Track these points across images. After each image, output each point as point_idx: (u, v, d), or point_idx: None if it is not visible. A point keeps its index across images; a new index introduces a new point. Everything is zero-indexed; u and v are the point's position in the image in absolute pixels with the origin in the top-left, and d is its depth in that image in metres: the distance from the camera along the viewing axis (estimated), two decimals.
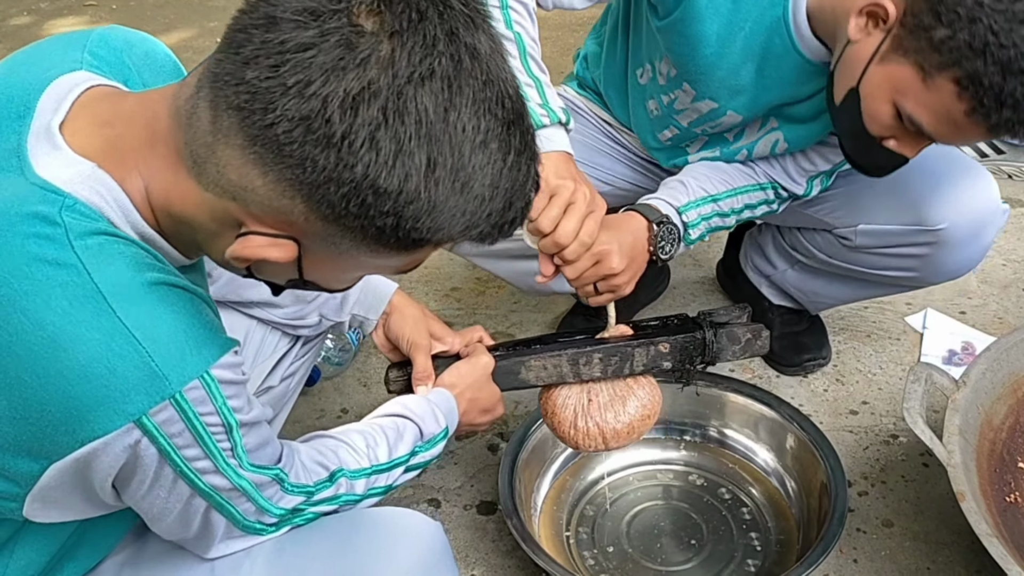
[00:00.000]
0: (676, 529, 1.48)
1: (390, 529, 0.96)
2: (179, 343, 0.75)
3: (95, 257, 0.73)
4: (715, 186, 1.49)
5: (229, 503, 0.87)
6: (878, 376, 1.81)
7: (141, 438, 0.75)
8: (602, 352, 1.29)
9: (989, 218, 1.48)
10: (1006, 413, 1.41)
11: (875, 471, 1.60)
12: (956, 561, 1.44)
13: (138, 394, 0.73)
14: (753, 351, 1.36)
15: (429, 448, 1.11)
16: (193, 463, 0.80)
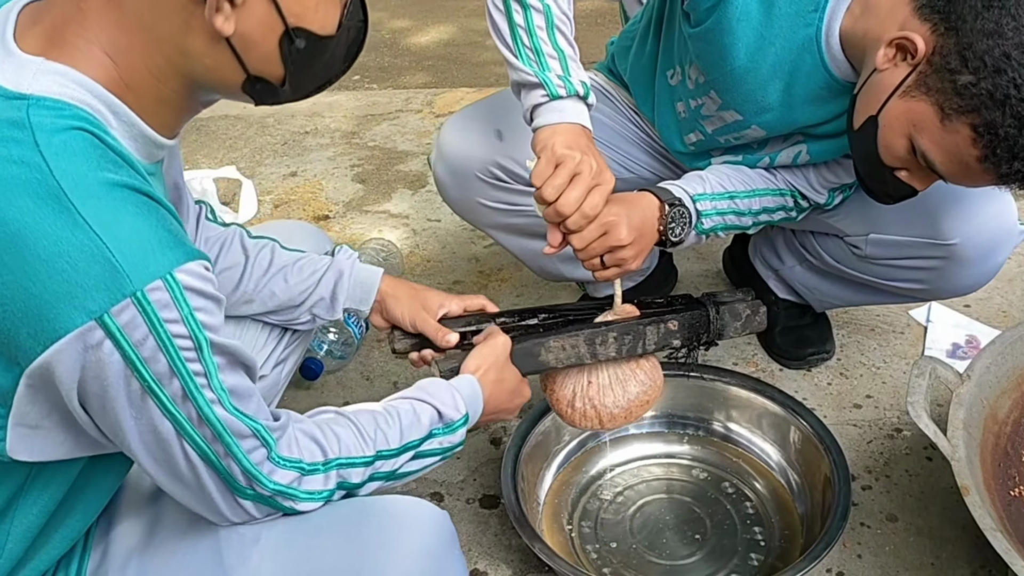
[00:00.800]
0: (679, 523, 1.48)
1: (398, 519, 0.96)
2: (141, 243, 0.75)
3: (59, 156, 0.74)
4: (734, 184, 1.48)
5: (207, 446, 0.85)
6: (882, 370, 1.81)
7: (103, 340, 0.74)
8: (616, 331, 1.29)
9: (1004, 237, 1.46)
10: (1010, 407, 1.40)
11: (879, 465, 1.60)
12: (960, 556, 1.43)
13: (99, 290, 0.73)
14: (752, 327, 1.39)
15: (448, 433, 1.08)
16: (161, 381, 0.79)
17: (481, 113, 1.58)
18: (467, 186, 1.57)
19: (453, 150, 1.56)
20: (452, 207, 1.65)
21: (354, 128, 2.92)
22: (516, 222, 1.60)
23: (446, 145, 1.57)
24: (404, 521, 0.96)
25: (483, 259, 2.19)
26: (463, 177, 1.57)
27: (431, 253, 2.23)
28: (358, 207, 2.46)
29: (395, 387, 1.79)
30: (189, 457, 0.85)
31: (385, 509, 0.97)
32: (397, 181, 2.58)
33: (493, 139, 1.54)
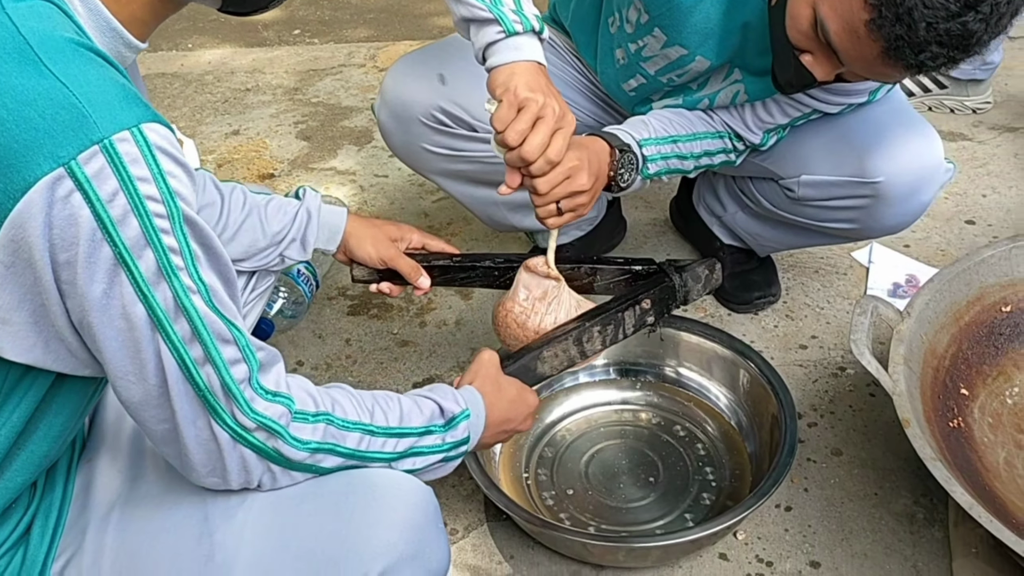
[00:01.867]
0: (633, 467, 1.51)
1: (384, 491, 0.96)
2: (107, 96, 0.74)
3: (25, 17, 0.74)
4: (676, 128, 1.50)
5: (182, 345, 0.81)
6: (826, 310, 1.85)
7: (73, 191, 0.72)
8: (599, 325, 1.32)
9: (928, 175, 1.49)
10: (948, 342, 1.45)
11: (824, 403, 1.64)
12: (902, 485, 1.49)
13: (66, 136, 0.72)
14: (712, 285, 1.44)
15: (450, 428, 1.05)
16: (133, 250, 0.76)
17: (424, 58, 1.57)
18: (411, 132, 1.57)
19: (396, 96, 1.55)
20: (397, 154, 1.65)
21: (296, 84, 2.87)
22: (462, 168, 1.60)
23: (389, 91, 1.56)
24: (390, 494, 0.96)
25: (432, 214, 2.18)
26: (407, 123, 1.56)
27: (379, 209, 2.22)
28: (303, 165, 2.43)
29: (347, 344, 1.79)
30: (161, 357, 0.81)
31: (371, 481, 0.97)
32: (342, 137, 2.55)
33: (436, 83, 1.53)
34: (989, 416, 1.43)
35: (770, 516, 1.44)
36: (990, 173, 2.26)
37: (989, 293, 1.50)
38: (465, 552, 1.40)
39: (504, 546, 1.40)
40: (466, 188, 1.64)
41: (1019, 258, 1.51)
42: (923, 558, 1.37)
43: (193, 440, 0.86)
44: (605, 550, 1.34)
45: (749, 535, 1.42)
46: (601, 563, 1.37)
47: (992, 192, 2.19)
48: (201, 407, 0.85)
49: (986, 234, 2.06)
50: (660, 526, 1.41)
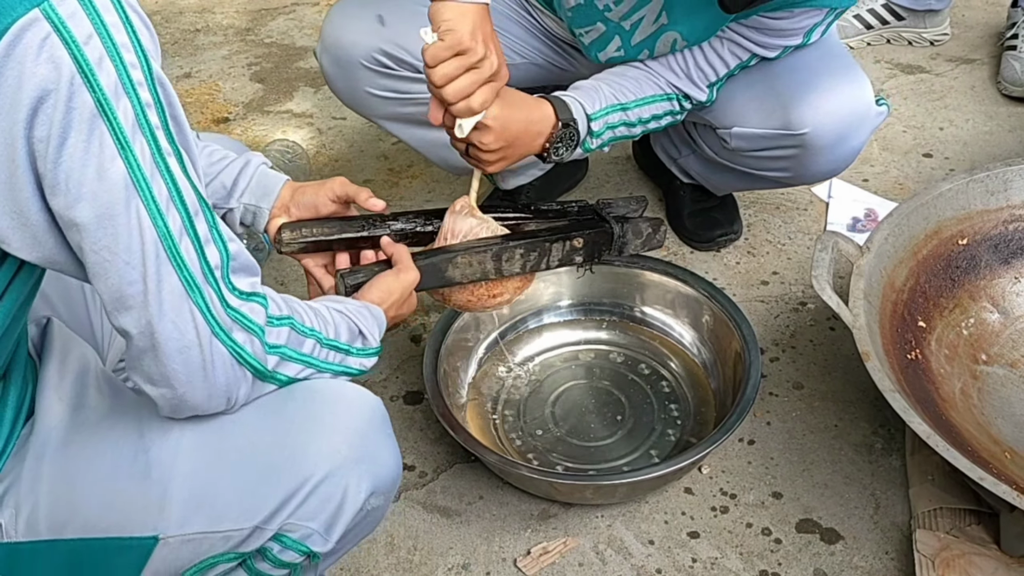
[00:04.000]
0: (599, 406, 1.53)
1: (325, 397, 0.95)
2: None
3: None
4: (627, 94, 1.48)
5: (151, 192, 0.77)
6: (787, 246, 1.87)
7: (50, 33, 0.70)
8: (523, 248, 1.31)
9: (855, 121, 1.50)
10: (907, 275, 1.47)
11: (785, 337, 1.67)
12: (862, 417, 1.52)
13: None
14: (652, 244, 1.44)
15: (363, 356, 1.04)
16: (110, 97, 0.73)
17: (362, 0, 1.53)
18: (353, 76, 1.54)
19: (335, 39, 1.52)
20: (342, 99, 1.62)
21: (248, 24, 2.79)
22: (409, 111, 1.57)
23: (328, 35, 1.53)
24: (332, 399, 0.95)
25: (392, 156, 2.15)
26: (348, 67, 1.53)
27: (338, 152, 2.19)
28: (259, 108, 2.38)
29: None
30: (141, 224, 0.77)
31: (311, 389, 0.95)
32: (298, 79, 2.49)
33: (376, 25, 1.50)
34: (945, 348, 1.46)
35: (733, 450, 1.47)
36: (947, 106, 2.28)
37: (946, 227, 1.52)
38: (435, 494, 1.42)
39: (473, 487, 1.42)
40: (416, 131, 1.61)
41: (975, 191, 1.53)
42: (881, 486, 1.41)
43: (173, 341, 0.82)
44: (573, 488, 1.36)
45: (713, 469, 1.44)
46: (569, 501, 1.39)
47: (949, 125, 2.21)
48: (181, 292, 0.81)
49: (943, 167, 2.08)
50: (626, 463, 1.43)
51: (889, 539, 1.34)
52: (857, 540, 1.34)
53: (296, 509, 0.92)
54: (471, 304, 1.35)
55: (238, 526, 0.91)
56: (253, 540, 0.92)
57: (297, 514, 0.92)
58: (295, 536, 0.93)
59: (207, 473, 0.91)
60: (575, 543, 1.35)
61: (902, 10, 2.46)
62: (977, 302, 1.52)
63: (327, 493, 0.92)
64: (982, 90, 2.33)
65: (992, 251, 1.54)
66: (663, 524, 1.37)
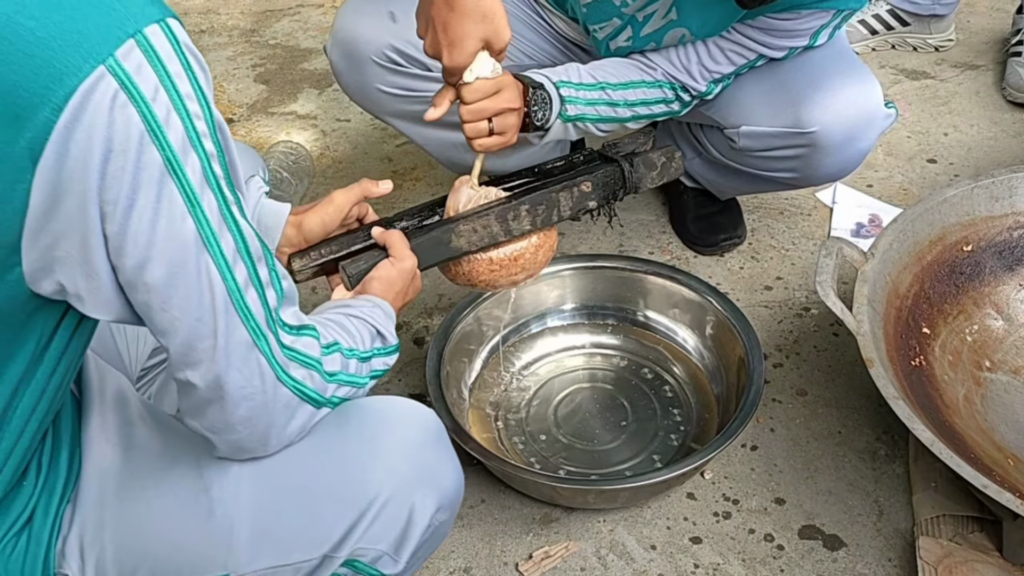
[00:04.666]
0: (602, 410, 1.52)
1: (379, 415, 0.93)
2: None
3: None
4: (607, 76, 1.49)
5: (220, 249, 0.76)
6: (791, 252, 1.86)
7: (117, 90, 0.68)
8: (528, 203, 1.25)
9: (865, 122, 1.49)
10: (911, 281, 1.47)
11: (789, 343, 1.66)
12: (865, 423, 1.52)
13: (100, 31, 0.67)
14: (670, 174, 1.36)
15: (384, 355, 1.01)
16: (178, 154, 0.71)
17: None
18: (363, 72, 1.54)
19: (346, 35, 1.53)
20: (351, 96, 1.63)
21: (253, 25, 2.79)
22: (417, 109, 1.57)
23: (339, 31, 1.54)
24: (387, 417, 0.94)
25: (396, 159, 2.15)
26: (358, 62, 1.54)
27: (342, 154, 2.19)
28: (263, 109, 2.38)
29: (314, 292, 1.77)
30: (211, 280, 0.75)
31: (364, 409, 0.94)
32: (302, 80, 2.50)
33: (387, 21, 1.51)
34: (949, 354, 1.45)
35: (736, 456, 1.47)
36: (952, 111, 2.28)
37: (951, 232, 1.52)
38: None
39: (475, 491, 1.42)
40: (424, 129, 1.62)
41: (980, 197, 1.53)
42: (884, 493, 1.41)
43: (239, 390, 0.80)
44: (575, 492, 1.36)
45: (716, 474, 1.44)
46: (571, 505, 1.39)
47: (954, 130, 2.21)
48: (248, 342, 0.79)
49: (948, 172, 2.07)
50: (629, 468, 1.43)
51: (892, 546, 1.34)
52: (860, 547, 1.34)
53: (364, 533, 0.90)
54: (496, 276, 1.29)
55: (307, 556, 0.90)
56: (324, 568, 0.91)
57: (365, 538, 0.91)
58: (366, 560, 0.92)
59: (271, 507, 0.90)
60: (577, 547, 1.34)
61: (907, 16, 2.46)
62: (981, 308, 1.52)
63: (393, 514, 0.91)
64: (987, 96, 2.33)
65: (996, 257, 1.54)
66: (665, 529, 1.37)
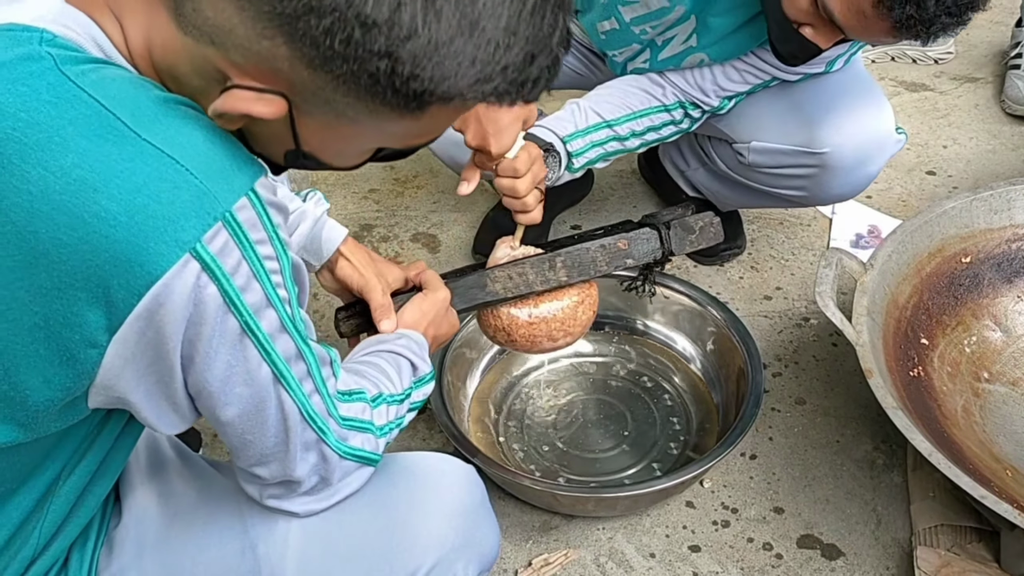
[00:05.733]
0: (602, 419, 1.53)
1: (426, 478, 0.92)
2: (216, 158, 0.66)
3: (96, 84, 0.64)
4: (613, 111, 1.49)
5: (294, 378, 0.76)
6: (790, 262, 1.87)
7: (199, 273, 0.65)
8: (564, 256, 1.27)
9: (875, 146, 1.51)
10: (910, 292, 1.47)
11: (788, 353, 1.67)
12: (864, 433, 1.52)
13: (187, 218, 0.64)
14: (708, 238, 1.35)
15: (422, 386, 1.02)
16: (257, 314, 0.71)
17: None
18: None
19: None
20: None
21: None
22: None
23: None
24: (432, 480, 0.92)
25: (398, 166, 2.16)
26: None
27: None
28: None
29: (315, 298, 1.78)
30: (283, 407, 0.77)
31: (410, 468, 0.93)
32: None
33: None
34: (948, 365, 1.46)
35: (736, 464, 1.47)
36: (951, 124, 2.29)
37: (950, 244, 1.52)
38: None
39: None
40: None
41: (979, 209, 1.54)
42: (883, 502, 1.41)
43: (306, 476, 0.83)
44: (575, 500, 1.37)
45: (715, 483, 1.45)
46: (571, 512, 1.39)
47: (953, 143, 2.22)
48: (315, 439, 0.81)
49: (946, 185, 2.08)
50: (628, 476, 1.44)
51: (890, 555, 1.34)
52: (858, 556, 1.35)
53: None
54: (534, 332, 1.29)
55: None
56: None
57: None
58: None
59: (318, 568, 0.88)
60: (576, 555, 1.35)
61: None
62: (980, 320, 1.52)
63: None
64: (986, 109, 2.34)
65: (995, 269, 1.55)
66: (664, 537, 1.37)
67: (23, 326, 0.65)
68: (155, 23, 0.67)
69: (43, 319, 0.65)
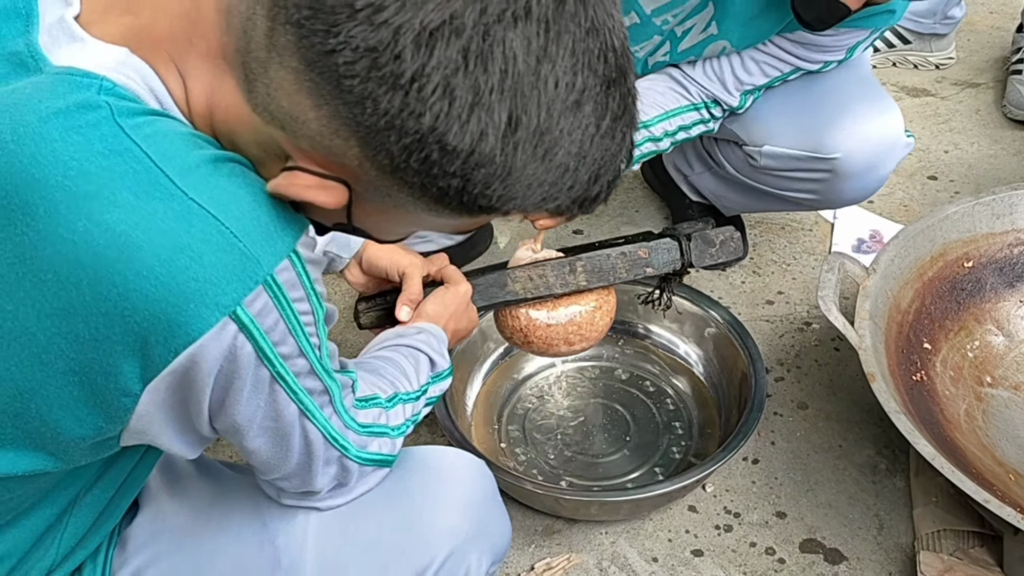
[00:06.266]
0: (604, 422, 1.53)
1: (439, 471, 0.94)
2: (261, 220, 0.65)
3: (150, 138, 0.63)
4: (647, 111, 1.50)
5: (318, 409, 0.79)
6: (792, 266, 1.87)
7: (237, 334, 0.66)
8: (584, 261, 1.28)
9: (886, 151, 1.52)
10: (912, 297, 1.48)
11: (790, 357, 1.67)
12: (866, 437, 1.52)
13: (229, 282, 0.64)
14: (728, 252, 1.35)
15: (439, 381, 1.05)
16: (288, 362, 0.72)
17: None
18: None
19: None
20: None
21: None
22: None
23: None
24: (445, 473, 0.94)
25: None
26: None
27: None
28: None
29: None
30: (307, 435, 0.79)
31: (424, 462, 0.94)
32: None
33: None
34: (951, 369, 1.46)
35: (738, 469, 1.47)
36: (952, 129, 2.29)
37: (952, 249, 1.53)
38: None
39: None
40: None
41: (981, 214, 1.54)
42: (885, 507, 1.41)
43: (327, 485, 0.85)
44: (577, 504, 1.37)
45: (718, 487, 1.45)
46: (573, 517, 1.39)
47: (954, 148, 2.22)
48: (336, 455, 0.84)
49: (948, 190, 2.09)
50: (631, 480, 1.44)
51: (893, 560, 1.34)
52: (861, 561, 1.34)
53: None
54: (552, 335, 1.29)
55: None
56: None
57: None
58: None
59: (336, 559, 0.89)
60: (579, 559, 1.35)
61: (908, 33, 2.48)
62: (982, 325, 1.53)
63: (450, 571, 0.91)
64: (987, 114, 2.35)
65: (997, 274, 1.55)
66: (667, 542, 1.37)
67: (57, 369, 0.65)
68: (221, 88, 0.66)
69: (78, 365, 0.65)
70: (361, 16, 0.57)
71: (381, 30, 0.57)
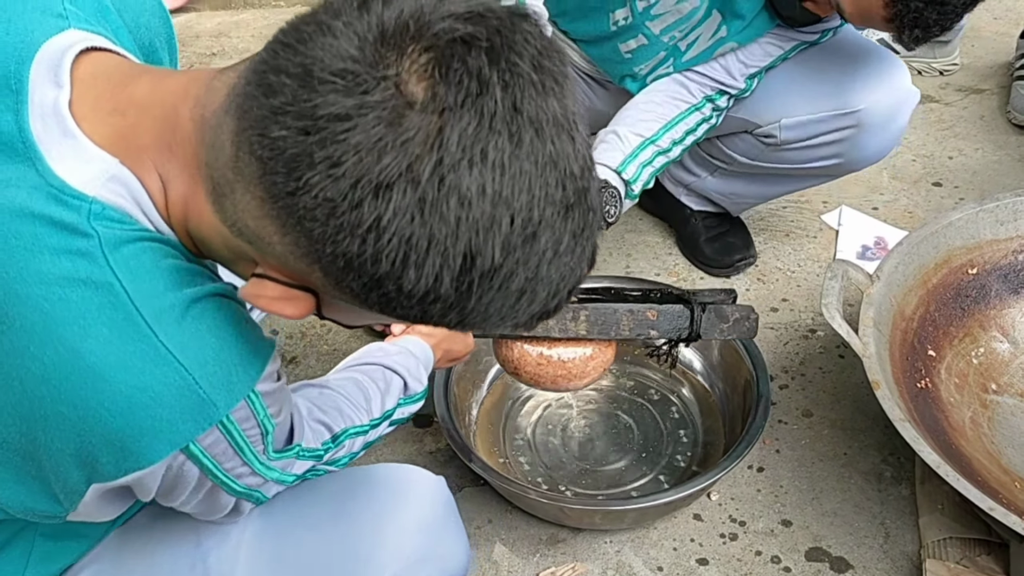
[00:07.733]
0: (608, 431, 1.53)
1: (388, 490, 0.92)
2: (225, 364, 0.69)
3: (132, 273, 0.66)
4: (651, 126, 1.51)
5: (256, 490, 0.83)
6: (797, 274, 1.87)
7: (185, 461, 0.71)
8: (589, 311, 1.25)
9: (904, 99, 1.57)
10: (916, 304, 1.47)
11: (795, 365, 1.67)
12: (871, 445, 1.52)
13: (185, 423, 0.68)
14: (740, 331, 1.32)
15: (409, 404, 1.05)
16: (231, 472, 0.77)
17: None
18: None
19: None
20: None
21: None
22: None
23: None
24: (395, 492, 0.92)
25: None
26: None
27: None
28: None
29: None
30: (239, 506, 0.84)
31: (374, 479, 0.93)
32: None
33: None
34: (955, 377, 1.46)
35: (743, 477, 1.47)
36: (956, 135, 2.29)
37: (956, 256, 1.52)
38: None
39: (482, 511, 1.42)
40: None
41: (985, 221, 1.54)
42: (891, 515, 1.41)
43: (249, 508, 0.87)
44: (582, 513, 1.37)
45: (723, 496, 1.44)
46: (578, 525, 1.39)
47: (959, 154, 2.22)
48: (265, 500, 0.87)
49: (952, 196, 2.08)
50: (635, 488, 1.44)
51: (899, 568, 1.34)
52: (867, 569, 1.34)
53: None
54: (541, 372, 1.27)
55: None
56: None
57: None
58: None
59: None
60: (584, 568, 1.35)
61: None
62: (987, 331, 1.52)
63: None
64: (991, 120, 2.34)
65: (1002, 280, 1.55)
66: (672, 550, 1.37)
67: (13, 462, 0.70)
68: (194, 197, 0.67)
69: (33, 461, 0.70)
70: (320, 168, 0.57)
71: (340, 182, 0.57)
